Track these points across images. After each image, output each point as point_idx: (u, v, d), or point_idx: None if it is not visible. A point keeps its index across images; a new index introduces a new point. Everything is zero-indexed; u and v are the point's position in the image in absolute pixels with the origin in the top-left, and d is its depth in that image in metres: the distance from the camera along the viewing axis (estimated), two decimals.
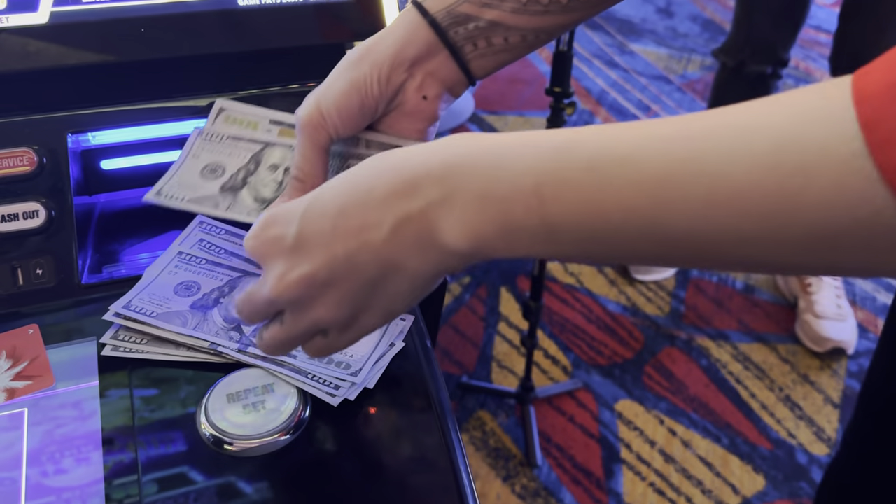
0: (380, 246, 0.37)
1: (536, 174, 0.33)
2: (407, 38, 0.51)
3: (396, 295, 0.39)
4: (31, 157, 0.59)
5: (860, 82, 0.27)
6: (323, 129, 0.51)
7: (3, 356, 0.52)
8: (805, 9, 1.58)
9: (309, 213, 0.39)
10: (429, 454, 0.49)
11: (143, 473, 0.46)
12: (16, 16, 0.60)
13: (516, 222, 0.34)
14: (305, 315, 0.40)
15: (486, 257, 0.36)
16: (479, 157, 0.35)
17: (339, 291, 0.39)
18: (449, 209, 0.35)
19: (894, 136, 0.26)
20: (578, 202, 0.33)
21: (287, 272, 0.39)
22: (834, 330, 1.67)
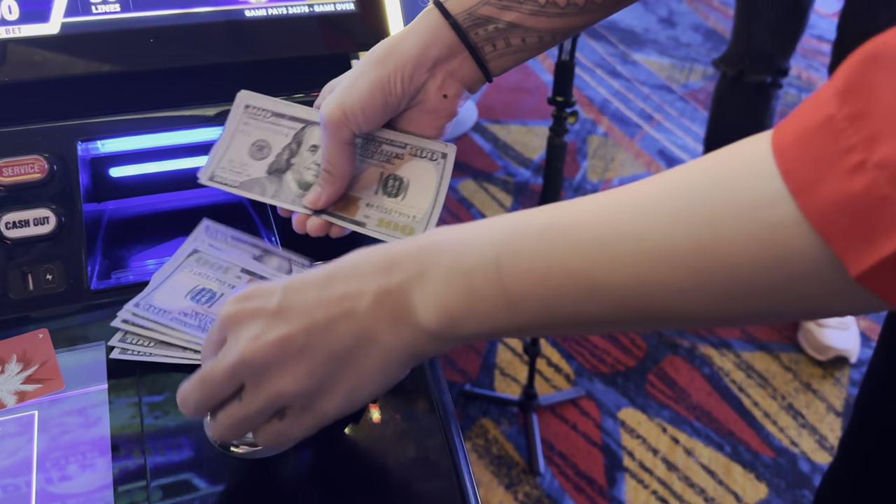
0: (359, 316, 0.38)
1: (495, 247, 0.36)
2: (430, 39, 0.53)
3: (364, 373, 0.39)
4: (42, 164, 0.60)
5: (777, 135, 0.30)
6: (346, 126, 0.53)
7: (13, 360, 0.53)
8: (803, 19, 1.60)
9: (293, 284, 0.40)
10: (432, 458, 0.50)
11: (152, 473, 0.47)
12: (28, 26, 0.61)
13: (478, 293, 0.36)
14: (270, 385, 0.39)
15: (455, 336, 0.38)
16: (450, 238, 0.38)
17: (311, 361, 0.39)
18: (423, 284, 0.38)
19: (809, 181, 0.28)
20: (530, 269, 0.35)
21: (263, 333, 0.39)
22: (836, 338, 1.68)
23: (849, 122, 0.27)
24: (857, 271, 0.27)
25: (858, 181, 0.26)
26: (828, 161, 0.27)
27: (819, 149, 0.28)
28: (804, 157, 0.28)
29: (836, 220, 0.27)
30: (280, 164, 0.58)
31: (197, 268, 0.58)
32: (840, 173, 0.27)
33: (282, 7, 0.67)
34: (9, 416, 0.50)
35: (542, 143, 2.36)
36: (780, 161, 0.29)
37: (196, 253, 0.58)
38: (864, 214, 0.27)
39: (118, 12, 0.63)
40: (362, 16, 0.68)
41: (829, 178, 0.27)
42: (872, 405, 0.64)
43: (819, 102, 0.29)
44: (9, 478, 0.47)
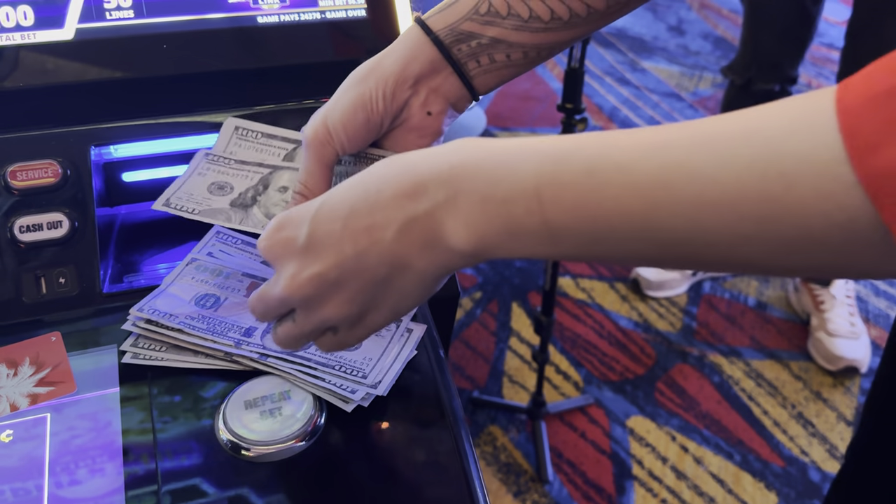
0: (388, 246, 0.38)
1: (537, 177, 0.35)
2: (411, 55, 0.52)
3: (403, 293, 0.41)
4: (56, 169, 0.60)
5: (842, 94, 0.29)
6: (329, 145, 0.52)
7: (26, 363, 0.54)
8: (810, 27, 1.59)
9: (320, 214, 0.40)
10: (442, 462, 0.50)
11: (163, 476, 0.47)
12: (42, 32, 0.62)
13: (518, 224, 0.35)
14: (316, 313, 0.42)
15: (490, 257, 0.38)
16: (483, 161, 0.37)
17: (348, 290, 0.40)
18: (454, 211, 0.37)
19: (871, 143, 0.27)
20: (577, 205, 0.34)
21: (299, 272, 0.41)
22: (847, 348, 1.67)
23: None
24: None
25: None
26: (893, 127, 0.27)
27: (886, 114, 0.27)
28: (869, 119, 0.28)
29: (890, 186, 0.27)
30: (245, 201, 0.58)
31: (197, 275, 0.58)
32: None
33: (294, 14, 0.67)
34: (21, 419, 0.50)
35: None
36: (843, 119, 0.28)
37: (195, 261, 0.59)
38: None
39: (132, 18, 0.63)
40: (373, 22, 0.68)
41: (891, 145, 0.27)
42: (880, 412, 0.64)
43: (890, 68, 0.28)
44: (21, 480, 0.47)
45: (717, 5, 3.30)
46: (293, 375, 0.51)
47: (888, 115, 0.27)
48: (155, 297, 0.56)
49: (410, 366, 0.54)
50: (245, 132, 0.62)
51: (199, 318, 0.54)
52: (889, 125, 0.27)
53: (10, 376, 0.53)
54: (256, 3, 0.66)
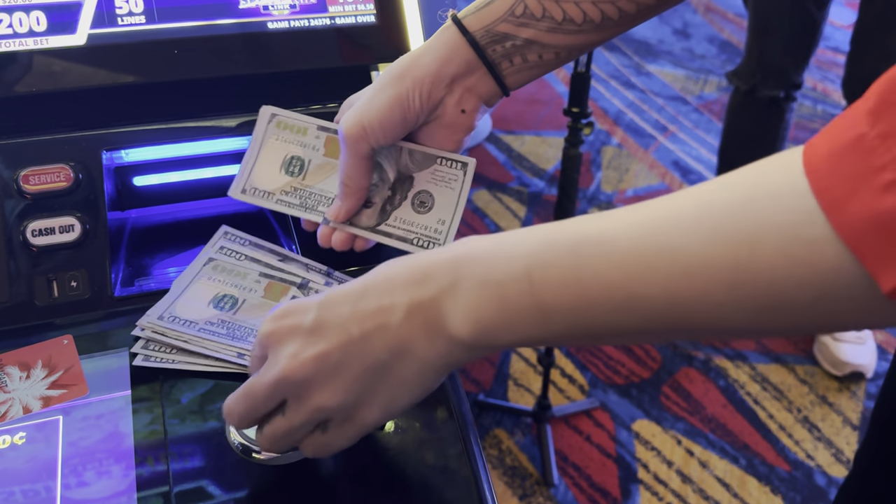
0: (394, 330, 0.39)
1: (527, 259, 0.37)
2: (447, 56, 0.53)
3: (401, 384, 0.40)
4: (68, 173, 0.61)
5: (809, 155, 0.30)
6: (365, 141, 0.53)
7: (38, 365, 0.54)
8: (816, 34, 1.59)
9: (328, 300, 0.41)
10: (451, 465, 0.50)
11: (174, 478, 0.47)
12: (55, 37, 0.62)
13: (511, 304, 0.37)
14: (310, 399, 0.40)
15: (489, 346, 0.39)
16: (481, 249, 0.39)
17: (348, 375, 0.40)
18: (455, 296, 0.38)
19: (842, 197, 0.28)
20: (563, 281, 0.36)
21: (301, 351, 0.40)
22: (853, 353, 1.67)
23: (880, 141, 0.28)
24: (889, 287, 0.27)
25: (890, 199, 0.27)
26: (859, 179, 0.28)
27: (850, 167, 0.28)
28: (836, 174, 0.29)
29: (868, 237, 0.28)
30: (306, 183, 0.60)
31: (215, 275, 0.58)
32: (872, 191, 0.27)
33: (304, 20, 0.67)
34: (34, 421, 0.51)
35: (555, 153, 2.36)
36: (812, 179, 0.29)
37: (212, 261, 0.59)
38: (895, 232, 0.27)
39: (143, 24, 0.64)
40: (383, 29, 0.69)
41: (861, 195, 0.28)
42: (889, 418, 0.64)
43: (850, 121, 0.29)
44: (33, 482, 0.47)
45: (722, 9, 3.30)
46: None
47: (850, 167, 0.28)
48: (174, 300, 0.56)
49: None
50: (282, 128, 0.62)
51: (218, 322, 0.55)
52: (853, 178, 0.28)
53: (23, 379, 0.53)
54: (267, 9, 0.67)
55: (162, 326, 0.54)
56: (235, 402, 0.43)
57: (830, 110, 2.68)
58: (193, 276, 0.58)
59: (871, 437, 0.67)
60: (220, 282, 0.58)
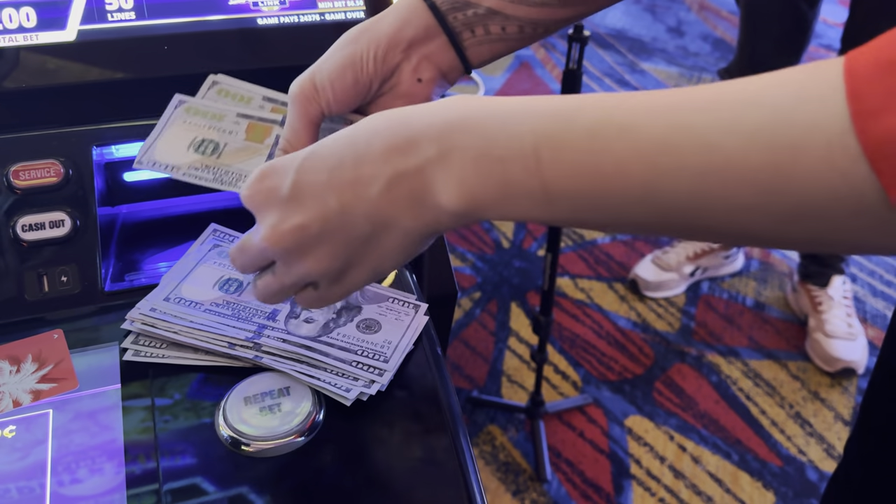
0: (373, 201, 0.38)
1: (536, 136, 0.34)
2: (406, 18, 0.51)
3: (386, 252, 0.40)
4: (58, 168, 0.61)
5: (852, 60, 0.29)
6: (315, 101, 0.50)
7: (29, 359, 0.54)
8: (807, 33, 1.60)
9: (305, 164, 0.39)
10: (439, 459, 0.50)
11: (163, 469, 0.48)
12: (45, 33, 0.62)
13: (514, 183, 0.34)
14: (296, 266, 0.41)
15: (480, 217, 0.37)
16: (479, 117, 0.36)
17: (331, 245, 0.39)
18: (446, 167, 0.36)
19: (874, 109, 0.27)
20: (577, 166, 0.33)
21: (280, 222, 0.40)
22: (844, 350, 1.67)
23: None
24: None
25: None
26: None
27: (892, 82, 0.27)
28: (875, 85, 0.27)
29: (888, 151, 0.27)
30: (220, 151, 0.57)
31: (220, 259, 0.59)
32: None
33: (293, 16, 0.68)
34: (24, 415, 0.51)
35: None
36: (850, 84, 0.28)
37: (218, 247, 0.60)
38: None
39: (133, 20, 0.64)
40: None
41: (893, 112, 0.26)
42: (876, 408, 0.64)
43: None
44: (23, 475, 0.48)
45: (716, 7, 3.30)
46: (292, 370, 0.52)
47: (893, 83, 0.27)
48: (178, 283, 0.56)
49: (409, 364, 0.55)
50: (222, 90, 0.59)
51: (223, 303, 0.55)
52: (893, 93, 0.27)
53: (13, 373, 0.53)
54: (256, 4, 0.67)
55: (152, 317, 0.55)
56: (235, 252, 0.44)
57: None
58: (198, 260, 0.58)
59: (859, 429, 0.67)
60: (226, 266, 0.58)
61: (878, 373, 0.64)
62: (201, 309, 0.55)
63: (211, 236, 0.61)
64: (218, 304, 0.55)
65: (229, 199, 0.70)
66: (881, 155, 0.27)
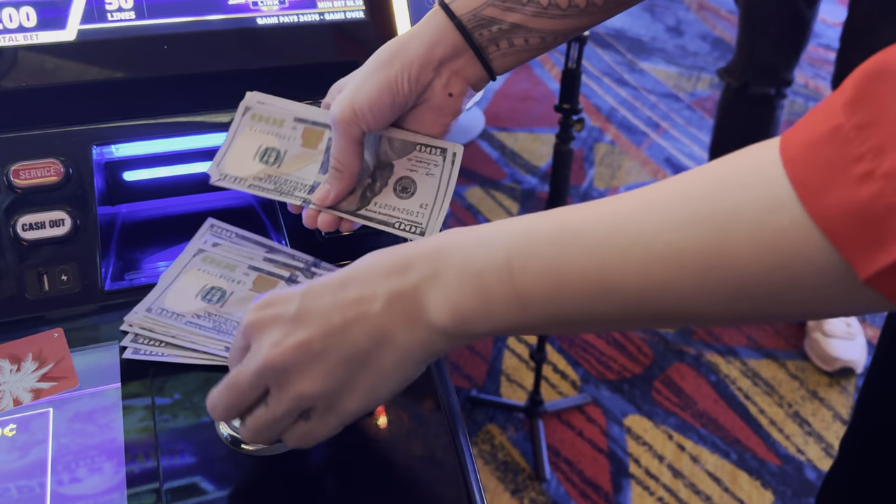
0: (374, 318, 0.40)
1: (507, 250, 0.37)
2: (435, 39, 0.54)
3: (382, 372, 0.41)
4: (58, 168, 0.61)
5: (785, 145, 0.31)
6: (356, 125, 0.54)
7: (29, 358, 0.54)
8: (806, 32, 1.60)
9: (310, 290, 0.42)
10: (438, 457, 0.50)
11: (164, 467, 0.48)
12: (45, 33, 0.62)
13: (490, 294, 0.38)
14: (292, 387, 0.41)
15: (468, 334, 0.39)
16: (462, 239, 0.39)
17: (329, 363, 0.40)
18: (435, 285, 0.39)
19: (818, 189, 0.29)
20: (542, 271, 0.37)
21: (283, 339, 0.41)
22: (843, 349, 1.68)
23: (857, 132, 0.28)
24: (866, 274, 0.28)
25: (866, 189, 0.27)
26: (836, 169, 0.28)
27: (828, 157, 0.29)
28: (813, 164, 0.29)
29: (845, 225, 0.28)
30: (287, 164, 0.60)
31: (204, 266, 0.59)
32: (848, 181, 0.28)
33: (293, 15, 0.68)
34: (24, 413, 0.51)
35: (548, 150, 2.37)
36: (789, 168, 0.30)
37: (202, 252, 0.60)
38: (872, 221, 0.27)
39: (133, 20, 0.64)
40: (372, 23, 0.69)
41: (838, 185, 0.28)
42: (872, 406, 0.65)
43: (827, 112, 0.30)
44: (24, 473, 0.48)
45: (715, 6, 3.31)
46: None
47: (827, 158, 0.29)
48: (162, 292, 0.56)
49: None
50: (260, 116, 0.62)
51: (205, 315, 0.55)
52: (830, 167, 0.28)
53: (14, 371, 0.53)
54: (256, 4, 0.67)
55: (150, 320, 0.55)
56: (219, 395, 0.44)
57: None
58: (182, 268, 0.58)
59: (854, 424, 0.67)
60: (209, 273, 0.58)
61: (874, 372, 0.65)
62: (183, 321, 0.55)
63: (208, 232, 0.61)
64: (199, 315, 0.55)
65: (228, 199, 0.70)
66: (839, 230, 0.29)
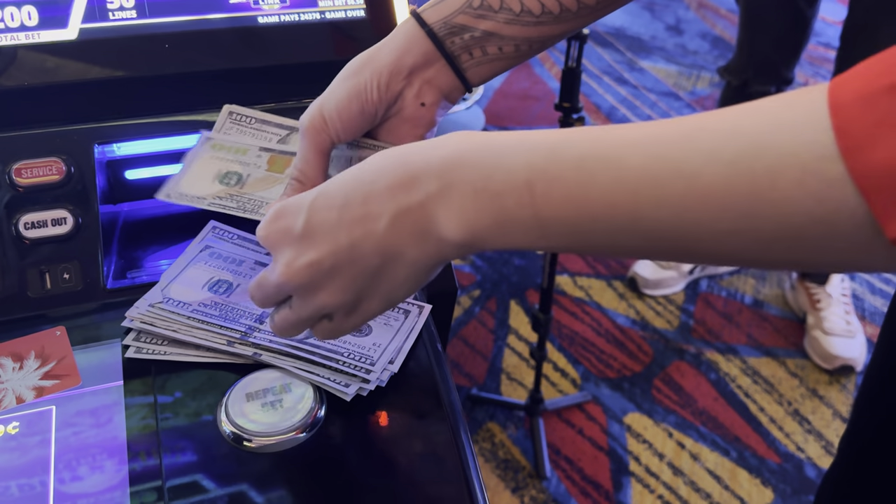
0: (381, 236, 0.40)
1: (528, 171, 0.36)
2: (405, 47, 0.53)
3: (396, 283, 0.42)
4: (60, 166, 0.61)
5: (835, 91, 0.30)
6: (325, 132, 0.53)
7: (32, 356, 0.55)
8: (806, 30, 1.60)
9: (316, 203, 0.41)
10: (440, 455, 0.51)
11: (166, 465, 0.48)
12: (47, 32, 0.63)
13: (509, 215, 0.36)
14: (311, 300, 0.43)
15: (481, 248, 0.39)
16: (476, 153, 0.38)
17: (343, 278, 0.41)
18: (446, 202, 0.38)
19: (864, 142, 0.28)
20: (566, 198, 0.35)
21: (294, 259, 0.42)
22: (843, 347, 1.68)
23: None
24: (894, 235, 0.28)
25: None
26: (886, 127, 0.27)
27: (880, 113, 0.28)
28: (863, 118, 0.28)
29: (883, 184, 0.28)
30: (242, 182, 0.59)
31: (211, 261, 0.59)
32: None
33: (294, 14, 0.68)
34: (27, 411, 0.51)
35: None
36: (836, 117, 0.29)
37: (208, 248, 0.60)
38: None
39: (134, 18, 0.64)
40: (372, 22, 0.69)
41: (885, 143, 0.27)
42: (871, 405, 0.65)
43: (886, 67, 0.29)
44: (27, 470, 0.48)
45: (714, 5, 3.31)
46: (293, 367, 0.52)
47: (881, 113, 0.28)
48: (167, 284, 0.57)
49: (409, 360, 0.55)
50: (239, 117, 0.62)
51: (211, 304, 0.56)
52: (882, 124, 0.28)
53: (16, 369, 0.54)
54: (257, 3, 0.67)
55: (151, 315, 0.55)
56: (253, 289, 0.46)
57: None
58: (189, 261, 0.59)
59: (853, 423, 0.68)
60: (216, 267, 0.58)
61: (873, 370, 0.65)
62: (188, 309, 0.55)
63: (210, 234, 0.61)
64: (206, 304, 0.56)
65: None
66: (875, 189, 0.28)
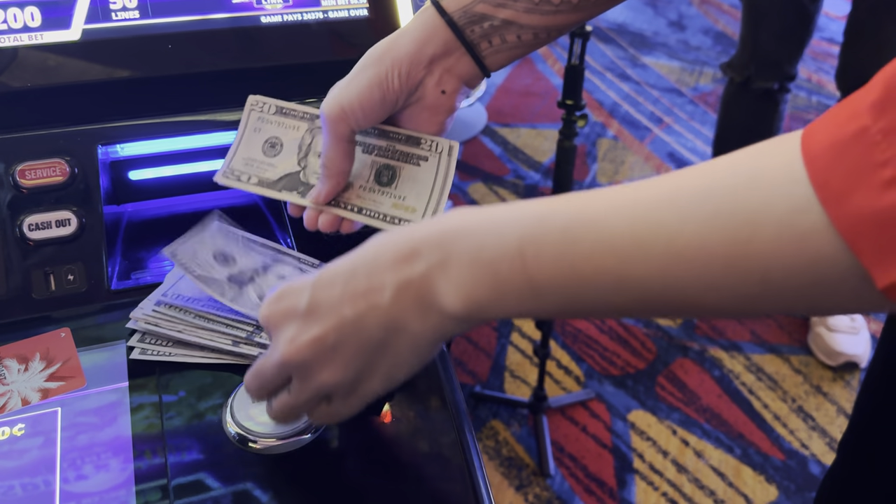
0: (385, 308, 0.40)
1: (520, 238, 0.37)
2: (426, 36, 0.53)
3: (399, 358, 0.41)
4: (64, 167, 0.61)
5: (808, 142, 0.30)
6: (345, 122, 0.53)
7: (37, 358, 0.55)
8: (809, 26, 1.60)
9: (320, 281, 0.42)
10: (445, 454, 0.51)
11: (171, 467, 0.48)
12: (50, 33, 0.62)
13: (504, 283, 0.37)
14: (312, 379, 0.42)
15: (481, 318, 0.39)
16: (471, 224, 0.39)
17: (346, 354, 0.41)
18: (445, 272, 0.38)
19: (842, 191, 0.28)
20: (556, 262, 0.36)
21: (298, 335, 0.41)
22: (847, 344, 1.67)
23: (882, 136, 0.27)
24: (884, 283, 0.28)
25: (890, 196, 0.27)
26: (860, 173, 0.28)
27: (851, 161, 0.28)
28: (835, 167, 0.28)
29: (866, 232, 0.28)
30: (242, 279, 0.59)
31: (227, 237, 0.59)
32: (872, 187, 0.27)
33: (296, 14, 0.68)
34: (33, 413, 0.51)
35: (551, 146, 2.36)
36: (811, 169, 0.29)
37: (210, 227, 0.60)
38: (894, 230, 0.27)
39: (137, 19, 0.64)
40: (376, 22, 0.69)
41: (861, 190, 0.28)
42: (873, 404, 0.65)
43: (852, 112, 0.29)
44: (33, 472, 0.48)
45: (717, 0, 3.30)
46: None
47: (852, 162, 0.28)
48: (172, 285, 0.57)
49: None
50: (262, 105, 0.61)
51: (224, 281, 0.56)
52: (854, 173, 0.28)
53: (22, 371, 0.54)
54: (260, 3, 0.67)
55: (155, 316, 0.55)
56: (249, 379, 0.46)
57: (825, 101, 2.69)
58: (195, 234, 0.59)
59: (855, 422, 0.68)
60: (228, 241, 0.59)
61: (875, 367, 0.65)
62: (199, 305, 0.55)
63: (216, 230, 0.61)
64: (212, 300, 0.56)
65: (234, 197, 0.71)
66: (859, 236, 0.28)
